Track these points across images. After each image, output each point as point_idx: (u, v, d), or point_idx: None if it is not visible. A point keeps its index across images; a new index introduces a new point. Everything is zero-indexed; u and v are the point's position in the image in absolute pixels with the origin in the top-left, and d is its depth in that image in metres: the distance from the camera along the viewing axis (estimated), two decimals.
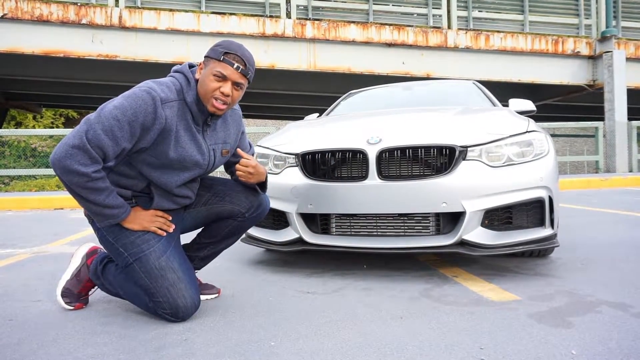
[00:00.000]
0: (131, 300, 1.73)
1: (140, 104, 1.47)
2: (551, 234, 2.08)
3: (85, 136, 1.44)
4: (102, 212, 1.53)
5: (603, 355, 1.28)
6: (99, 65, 10.11)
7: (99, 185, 1.49)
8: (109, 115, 1.46)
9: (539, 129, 2.27)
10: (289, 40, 9.56)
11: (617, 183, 7.91)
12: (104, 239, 1.67)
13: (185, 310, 1.62)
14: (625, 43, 10.73)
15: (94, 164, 1.46)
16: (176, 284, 1.61)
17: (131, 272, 1.64)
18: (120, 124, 1.46)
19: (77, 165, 1.43)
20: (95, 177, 1.47)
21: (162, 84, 1.57)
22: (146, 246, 1.63)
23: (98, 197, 1.49)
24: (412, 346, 1.38)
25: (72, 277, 1.82)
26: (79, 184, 1.46)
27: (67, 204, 6.51)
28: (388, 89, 3.87)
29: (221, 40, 1.62)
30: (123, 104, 1.47)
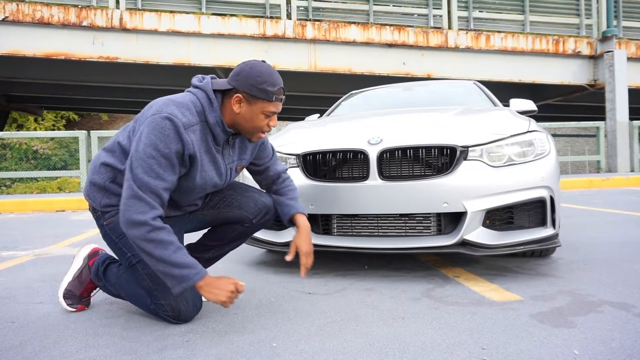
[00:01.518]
0: (133, 302, 1.73)
1: (167, 133, 1.42)
2: (553, 234, 2.08)
3: (134, 184, 1.42)
4: (172, 273, 1.42)
5: (605, 355, 1.28)
6: (100, 67, 10.14)
7: (162, 237, 1.41)
8: (144, 156, 1.42)
9: (540, 128, 2.27)
10: (290, 41, 9.57)
11: (619, 183, 7.90)
12: (108, 238, 1.66)
13: (187, 313, 1.63)
14: (626, 43, 10.72)
15: (152, 209, 1.42)
16: None
17: (134, 273, 1.64)
18: (157, 161, 1.43)
19: (135, 215, 1.40)
20: (155, 225, 1.41)
21: (182, 105, 1.48)
22: None
23: (164, 252, 1.40)
24: (414, 347, 1.38)
25: (73, 278, 1.82)
26: (142, 237, 1.40)
27: (68, 206, 6.52)
28: (388, 89, 3.87)
29: (254, 71, 1.49)
30: (152, 140, 1.42)
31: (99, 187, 1.64)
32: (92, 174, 1.66)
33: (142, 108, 6.88)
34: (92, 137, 8.45)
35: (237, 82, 1.50)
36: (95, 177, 1.64)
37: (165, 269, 1.42)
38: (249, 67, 1.50)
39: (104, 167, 1.63)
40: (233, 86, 1.51)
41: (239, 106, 1.51)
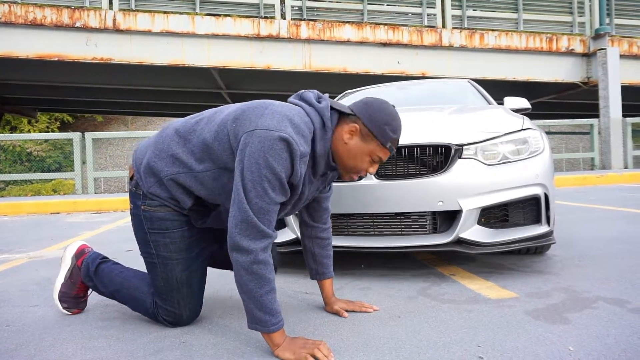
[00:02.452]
0: (127, 303, 1.70)
1: (284, 157, 1.26)
2: (547, 231, 2.09)
3: (249, 209, 1.26)
4: (253, 312, 1.30)
5: (600, 351, 1.29)
6: (94, 69, 10.09)
7: (262, 273, 1.28)
8: (258, 178, 1.25)
9: (534, 126, 2.28)
10: (284, 41, 9.57)
11: (613, 180, 7.95)
12: (138, 222, 1.53)
13: (187, 320, 1.62)
14: (619, 40, 10.79)
15: (263, 238, 1.29)
16: (187, 297, 1.59)
17: (150, 268, 1.57)
18: (272, 184, 1.27)
19: (246, 241, 1.27)
20: (261, 259, 1.28)
21: (298, 130, 1.30)
22: (177, 255, 1.53)
23: (258, 289, 1.28)
24: (410, 345, 1.39)
25: (65, 280, 1.78)
26: (243, 265, 1.28)
27: (63, 208, 6.49)
28: (383, 88, 3.88)
29: (384, 110, 1.37)
30: (268, 161, 1.24)
31: (156, 175, 1.47)
32: (154, 156, 1.47)
33: (136, 109, 6.93)
34: (87, 138, 8.41)
35: (362, 112, 1.37)
36: (157, 162, 1.46)
37: (250, 304, 1.31)
38: (379, 103, 1.38)
39: (172, 159, 1.44)
40: (355, 113, 1.37)
41: (350, 137, 1.37)
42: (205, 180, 1.41)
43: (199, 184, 1.42)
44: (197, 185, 1.43)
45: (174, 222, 1.51)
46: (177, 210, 1.51)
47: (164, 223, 1.50)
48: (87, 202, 6.55)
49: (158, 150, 1.48)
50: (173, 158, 1.44)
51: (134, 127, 30.54)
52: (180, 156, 1.43)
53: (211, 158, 1.38)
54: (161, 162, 1.46)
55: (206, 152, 1.39)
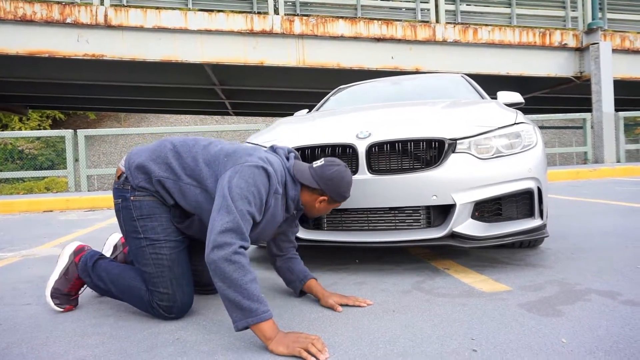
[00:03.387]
0: (123, 296, 1.72)
1: (267, 185, 1.53)
2: (540, 225, 2.10)
3: (236, 211, 1.41)
4: (241, 303, 1.33)
5: (592, 342, 1.30)
6: (85, 65, 9.99)
7: (243, 262, 1.37)
8: (247, 192, 1.46)
9: (527, 120, 2.28)
10: (278, 36, 9.52)
11: (606, 173, 8.01)
12: (127, 213, 1.65)
13: (181, 305, 1.64)
14: (611, 35, 10.83)
15: (243, 240, 1.40)
16: (180, 278, 1.65)
17: (139, 255, 1.64)
18: (255, 200, 1.48)
19: (229, 237, 1.38)
20: (241, 252, 1.39)
21: (277, 174, 1.59)
22: (164, 236, 1.64)
23: (241, 277, 1.34)
24: (405, 338, 1.39)
25: (60, 276, 1.80)
26: (224, 257, 1.35)
27: (56, 206, 6.44)
28: (377, 83, 3.87)
29: (343, 181, 1.68)
30: (256, 183, 1.49)
31: (147, 174, 1.63)
32: (150, 160, 1.65)
33: (129, 106, 6.90)
34: (79, 135, 8.35)
35: (328, 187, 1.66)
36: (151, 165, 1.64)
37: (236, 297, 1.33)
38: (340, 178, 1.67)
39: (166, 166, 1.63)
40: (322, 189, 1.67)
41: (319, 205, 1.71)
42: (186, 191, 1.61)
43: (180, 192, 1.62)
44: (178, 193, 1.62)
45: (161, 208, 1.66)
46: (162, 202, 1.66)
47: (152, 209, 1.65)
48: (80, 200, 6.51)
49: (155, 156, 1.66)
50: (167, 165, 1.64)
51: (127, 124, 30.34)
52: (174, 166, 1.63)
53: (198, 177, 1.60)
54: (155, 165, 1.64)
55: (196, 171, 1.61)
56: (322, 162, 1.69)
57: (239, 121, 26.04)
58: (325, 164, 1.68)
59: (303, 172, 1.67)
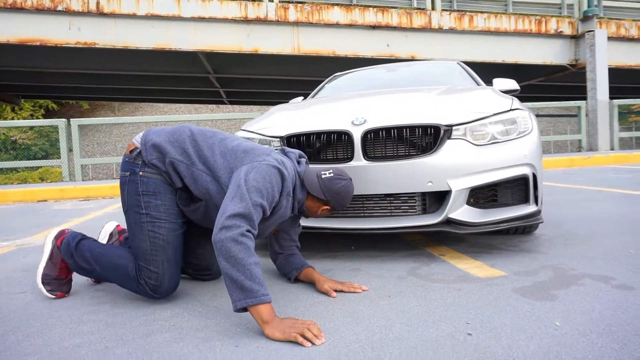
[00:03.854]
0: (107, 275, 1.73)
1: (279, 186, 1.59)
2: (535, 211, 2.11)
3: (249, 199, 1.45)
4: (243, 283, 1.35)
5: (586, 325, 1.31)
6: (78, 54, 9.88)
7: (249, 244, 1.40)
8: (262, 186, 1.51)
9: (523, 106, 2.28)
10: (272, 24, 9.43)
11: (599, 161, 8.04)
12: (133, 187, 1.67)
13: (167, 287, 1.67)
14: (606, 22, 10.80)
15: (251, 227, 1.44)
16: (171, 261, 1.67)
17: (137, 230, 1.66)
18: (267, 196, 1.52)
19: (238, 221, 1.41)
20: (248, 234, 1.42)
21: (290, 177, 1.64)
22: (165, 216, 1.67)
23: (246, 258, 1.36)
24: (400, 323, 1.40)
25: (47, 262, 1.82)
26: (231, 237, 1.37)
27: (50, 195, 6.41)
28: (372, 70, 3.85)
29: (350, 196, 1.76)
30: (272, 181, 1.55)
31: (161, 153, 1.66)
32: (167, 141, 1.67)
33: (123, 95, 6.87)
34: (72, 125, 8.27)
35: (334, 199, 1.72)
36: (168, 146, 1.66)
37: (239, 276, 1.35)
38: (346, 192, 1.74)
39: (182, 150, 1.66)
40: (328, 200, 1.72)
41: (322, 211, 1.76)
42: (198, 178, 1.64)
43: (192, 177, 1.65)
44: (190, 178, 1.65)
45: (166, 188, 1.68)
46: (170, 183, 1.69)
47: (158, 187, 1.67)
48: (75, 190, 6.47)
49: (173, 139, 1.69)
50: (182, 149, 1.67)
51: (121, 113, 30.12)
52: (189, 152, 1.66)
53: (212, 167, 1.64)
54: (172, 147, 1.67)
55: (210, 160, 1.64)
56: (331, 174, 1.73)
57: (233, 110, 25.90)
58: (334, 177, 1.72)
59: (312, 182, 1.71)
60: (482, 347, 1.20)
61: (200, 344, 1.32)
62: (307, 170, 1.75)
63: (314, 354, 1.22)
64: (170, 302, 1.72)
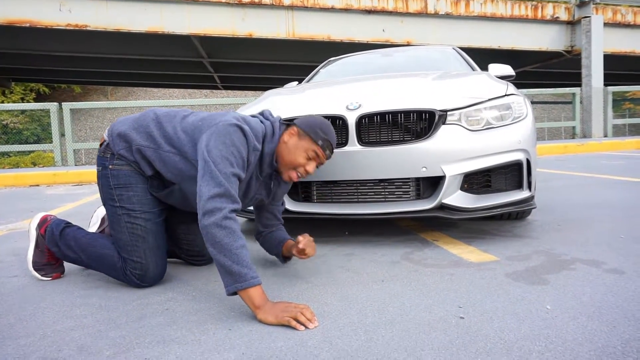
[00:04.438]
0: (93, 264, 1.74)
1: (243, 141, 1.50)
2: (529, 196, 2.11)
3: (220, 174, 1.41)
4: (231, 268, 1.34)
5: (576, 309, 1.33)
6: (69, 36, 9.72)
7: (234, 227, 1.37)
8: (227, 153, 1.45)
9: (518, 92, 2.27)
10: (267, 7, 9.31)
11: (593, 148, 8.08)
12: (105, 181, 1.67)
13: (153, 275, 1.67)
14: (603, 8, 10.76)
15: (233, 202, 1.41)
16: (153, 249, 1.67)
17: (115, 223, 1.66)
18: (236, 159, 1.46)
19: (218, 202, 1.38)
20: (231, 216, 1.39)
21: (254, 130, 1.56)
22: (139, 207, 1.65)
23: (232, 242, 1.35)
24: (393, 307, 1.40)
25: (34, 250, 1.82)
26: (215, 223, 1.35)
27: (42, 180, 6.36)
28: (367, 55, 3.82)
29: (318, 119, 1.65)
30: (233, 141, 1.47)
31: (127, 142, 1.64)
32: (132, 128, 1.65)
33: (116, 80, 6.84)
34: (64, 109, 8.17)
35: (301, 121, 1.64)
36: (133, 133, 1.64)
37: (226, 261, 1.34)
38: (319, 118, 1.66)
39: (147, 135, 1.63)
40: (295, 123, 1.64)
41: (289, 137, 1.63)
42: (167, 159, 1.61)
43: (161, 161, 1.62)
44: (159, 162, 1.62)
45: (137, 178, 1.66)
46: (140, 172, 1.67)
47: (129, 179, 1.65)
48: (67, 174, 6.43)
49: (137, 125, 1.66)
50: (147, 134, 1.64)
51: (114, 98, 29.78)
52: (154, 135, 1.63)
53: (177, 145, 1.60)
54: (137, 134, 1.64)
55: (174, 139, 1.61)
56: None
57: (227, 95, 25.70)
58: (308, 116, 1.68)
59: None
60: (473, 330, 1.21)
61: (193, 328, 1.32)
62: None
63: (307, 337, 1.22)
64: (163, 286, 1.72)
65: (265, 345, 1.18)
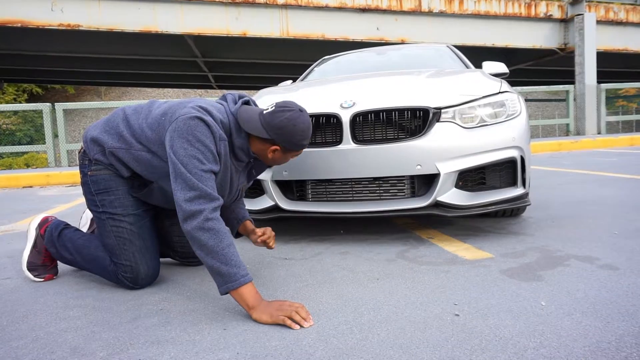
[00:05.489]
0: (89, 266, 1.73)
1: (207, 133, 1.43)
2: (523, 193, 2.12)
3: (190, 175, 1.37)
4: (220, 269, 1.33)
5: (570, 305, 1.33)
6: (61, 36, 9.66)
7: (218, 227, 1.35)
8: (192, 152, 1.40)
9: (511, 89, 2.27)
10: (261, 6, 9.28)
11: (586, 145, 8.12)
12: (87, 188, 1.66)
13: (145, 277, 1.66)
14: (595, 6, 10.81)
15: (211, 201, 1.37)
16: (142, 251, 1.65)
17: (101, 228, 1.65)
18: (205, 155, 1.41)
19: (196, 205, 1.35)
20: (212, 216, 1.36)
21: (217, 119, 1.48)
22: (122, 210, 1.64)
23: (218, 243, 1.33)
24: (388, 305, 1.40)
25: (31, 250, 1.82)
26: (198, 226, 1.33)
27: (36, 181, 6.31)
28: (361, 54, 3.81)
29: (300, 130, 1.50)
30: (197, 136, 1.40)
31: (100, 146, 1.62)
32: (104, 131, 1.63)
33: (110, 80, 6.78)
34: (57, 109, 8.12)
35: (279, 136, 1.49)
36: (104, 136, 1.62)
37: (214, 263, 1.33)
38: (292, 125, 1.48)
39: (118, 136, 1.60)
40: (273, 138, 1.50)
41: (273, 154, 1.56)
42: (140, 158, 1.58)
43: (134, 160, 1.59)
44: (133, 161, 1.60)
45: (116, 182, 1.65)
46: (118, 174, 1.65)
47: (108, 183, 1.64)
48: (61, 175, 6.38)
49: (108, 127, 1.64)
50: (118, 135, 1.61)
51: (108, 98, 29.63)
52: (124, 135, 1.60)
53: (145, 143, 1.56)
54: (108, 136, 1.62)
55: (142, 137, 1.57)
56: (273, 106, 1.51)
57: (222, 94, 25.58)
58: (275, 109, 1.49)
59: (250, 120, 1.50)
60: (469, 328, 1.21)
61: (188, 328, 1.31)
62: (243, 110, 1.54)
63: (302, 336, 1.22)
64: (157, 286, 1.71)
65: (260, 345, 1.18)
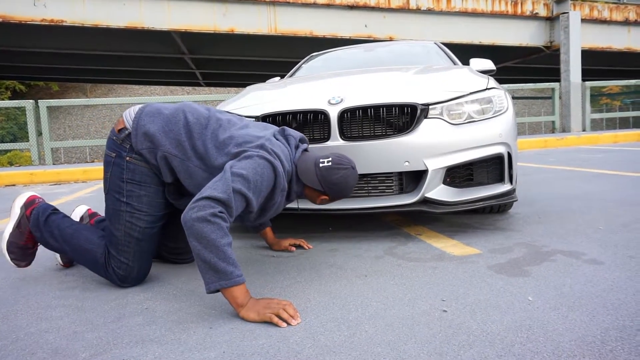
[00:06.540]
0: (75, 256, 1.69)
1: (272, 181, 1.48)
2: (510, 189, 2.13)
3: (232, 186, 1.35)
4: (217, 265, 1.28)
5: (557, 299, 1.34)
6: (45, 32, 9.49)
7: (222, 225, 1.31)
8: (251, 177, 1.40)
9: (498, 86, 2.28)
10: (249, 3, 9.22)
11: (572, 142, 8.23)
12: (117, 171, 1.58)
13: (136, 278, 1.65)
14: (580, 4, 10.95)
15: (225, 213, 1.33)
16: (144, 253, 1.63)
17: (114, 217, 1.59)
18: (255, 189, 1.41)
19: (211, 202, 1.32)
20: (220, 216, 1.32)
21: (286, 171, 1.54)
22: (147, 208, 1.60)
23: (219, 239, 1.28)
24: (376, 302, 1.40)
25: (14, 229, 1.74)
26: (203, 217, 1.28)
27: (19, 179, 6.20)
28: (350, 50, 3.80)
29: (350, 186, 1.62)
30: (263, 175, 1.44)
31: (154, 144, 1.55)
32: (162, 131, 1.55)
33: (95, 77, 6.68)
34: (41, 107, 7.97)
35: (332, 190, 1.61)
36: (162, 137, 1.55)
37: (212, 258, 1.28)
38: (345, 182, 1.61)
39: (177, 143, 1.55)
40: (326, 192, 1.61)
41: (321, 201, 1.66)
42: (194, 173, 1.55)
43: (187, 173, 1.55)
44: (184, 173, 1.56)
45: (153, 179, 1.60)
46: (157, 173, 1.61)
47: (144, 177, 1.59)
48: (45, 173, 6.27)
49: (168, 129, 1.57)
50: (178, 142, 1.55)
51: (93, 95, 29.22)
52: (185, 145, 1.55)
53: (207, 162, 1.53)
54: (167, 139, 1.55)
55: (205, 157, 1.53)
56: (329, 163, 1.59)
57: (209, 92, 25.44)
58: (332, 166, 1.58)
59: (307, 172, 1.59)
60: (456, 323, 1.21)
61: (173, 327, 1.29)
62: (302, 159, 1.62)
63: (289, 333, 1.21)
64: (142, 285, 1.68)
65: (246, 343, 1.16)
